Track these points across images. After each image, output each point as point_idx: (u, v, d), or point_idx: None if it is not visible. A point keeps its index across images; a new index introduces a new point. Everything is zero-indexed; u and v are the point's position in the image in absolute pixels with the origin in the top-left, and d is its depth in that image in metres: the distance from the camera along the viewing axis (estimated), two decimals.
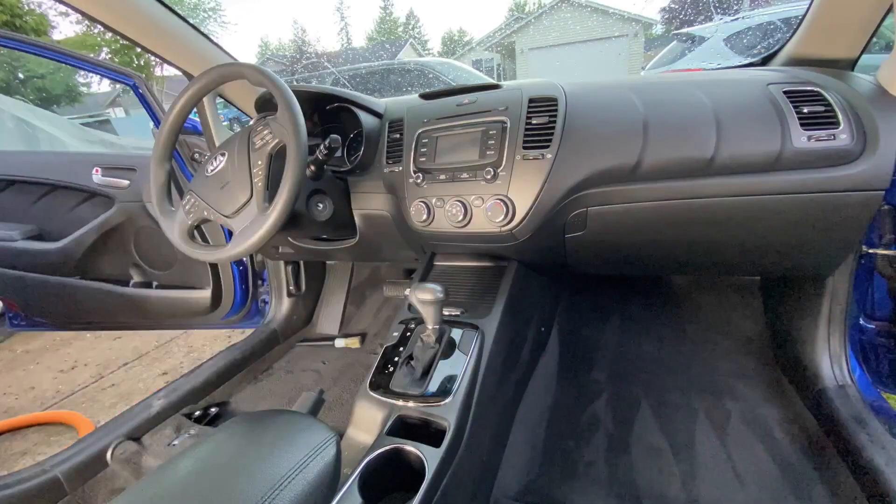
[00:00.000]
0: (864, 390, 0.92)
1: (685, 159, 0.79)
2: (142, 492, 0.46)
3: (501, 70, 9.40)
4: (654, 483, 0.90)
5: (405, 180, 0.95)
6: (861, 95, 0.77)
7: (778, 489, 0.85)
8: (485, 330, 0.86)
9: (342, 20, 20.97)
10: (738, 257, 0.97)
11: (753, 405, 1.04)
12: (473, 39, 18.42)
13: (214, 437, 0.54)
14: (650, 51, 4.51)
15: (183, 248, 0.86)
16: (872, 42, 0.87)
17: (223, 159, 0.86)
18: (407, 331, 0.88)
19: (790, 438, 0.94)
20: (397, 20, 20.19)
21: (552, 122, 0.84)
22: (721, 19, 3.10)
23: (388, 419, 0.72)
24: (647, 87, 0.88)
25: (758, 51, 2.69)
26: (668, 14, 5.00)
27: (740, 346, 1.21)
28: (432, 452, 0.65)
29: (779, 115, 0.75)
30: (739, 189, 0.78)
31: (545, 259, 1.05)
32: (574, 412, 1.10)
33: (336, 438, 0.58)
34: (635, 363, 1.23)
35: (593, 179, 0.83)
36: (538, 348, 1.25)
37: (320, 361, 1.49)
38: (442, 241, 1.01)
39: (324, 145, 0.89)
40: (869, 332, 0.98)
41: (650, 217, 0.86)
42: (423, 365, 0.77)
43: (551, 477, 0.94)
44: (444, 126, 0.93)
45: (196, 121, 1.26)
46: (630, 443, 0.99)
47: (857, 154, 0.74)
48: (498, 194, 0.85)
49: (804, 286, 1.03)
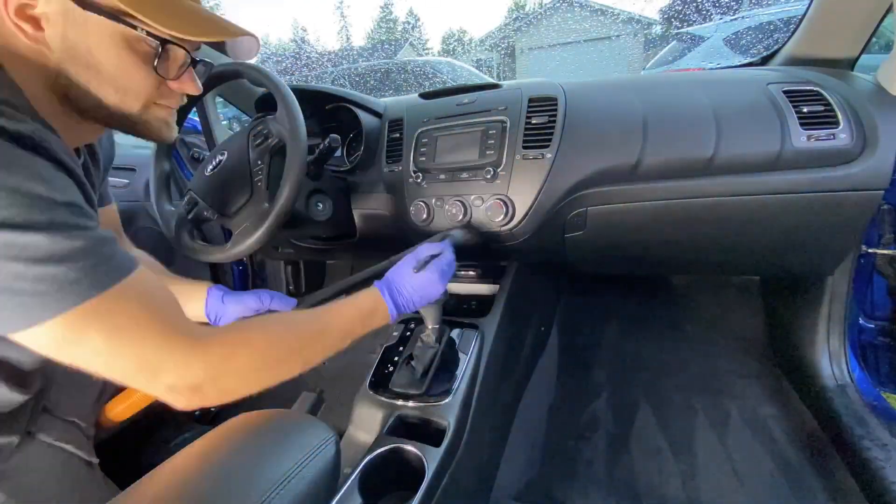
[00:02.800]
0: (863, 390, 0.92)
1: (685, 159, 0.79)
2: (142, 492, 0.46)
3: (501, 70, 9.40)
4: (653, 483, 0.90)
5: (405, 180, 0.95)
6: (861, 95, 0.77)
7: (777, 488, 0.85)
8: (485, 330, 0.86)
9: (342, 20, 20.95)
10: (738, 257, 0.97)
11: (753, 405, 1.04)
12: (473, 39, 18.39)
13: (214, 436, 0.54)
14: (650, 51, 4.50)
15: (182, 248, 0.86)
16: (872, 42, 0.87)
17: (223, 159, 0.86)
18: (407, 330, 0.88)
19: (790, 438, 0.94)
20: (397, 19, 20.18)
21: (552, 121, 0.84)
22: (721, 19, 3.10)
23: (387, 419, 0.72)
24: (646, 87, 0.88)
25: (757, 50, 2.69)
26: (668, 14, 4.98)
27: (740, 345, 1.21)
28: (432, 452, 0.65)
29: (778, 115, 0.75)
30: (739, 189, 0.78)
31: (545, 259, 1.05)
32: (574, 412, 1.10)
33: (336, 438, 0.58)
34: (635, 363, 1.23)
35: (593, 179, 0.83)
36: (538, 348, 1.25)
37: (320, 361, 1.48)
38: None
39: (323, 145, 0.89)
40: (869, 331, 0.98)
41: (650, 217, 0.86)
42: (423, 365, 0.77)
43: (551, 476, 0.94)
44: (443, 126, 0.93)
45: (196, 120, 1.26)
46: (630, 442, 0.99)
47: (857, 154, 0.74)
48: (498, 194, 0.85)
49: (804, 286, 1.03)
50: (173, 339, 0.44)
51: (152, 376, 0.43)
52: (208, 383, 0.46)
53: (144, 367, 0.43)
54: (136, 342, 0.42)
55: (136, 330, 0.42)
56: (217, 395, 0.47)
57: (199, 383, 0.45)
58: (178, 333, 0.44)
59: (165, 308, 0.46)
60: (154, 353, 0.42)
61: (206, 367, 0.45)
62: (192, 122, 1.29)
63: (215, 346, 0.46)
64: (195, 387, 0.45)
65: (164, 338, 0.43)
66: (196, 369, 0.45)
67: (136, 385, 0.44)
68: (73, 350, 0.40)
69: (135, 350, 0.42)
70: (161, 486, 0.46)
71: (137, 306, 0.42)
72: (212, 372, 0.46)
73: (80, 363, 0.41)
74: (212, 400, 0.47)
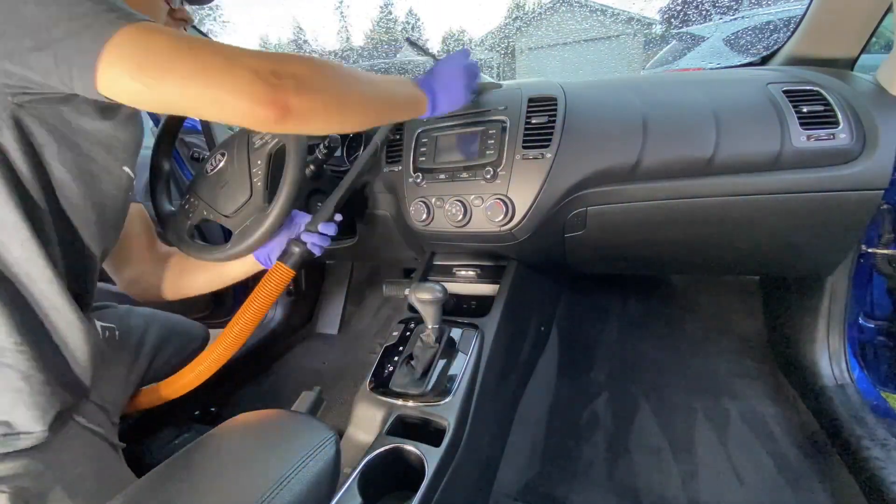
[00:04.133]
0: (863, 389, 0.92)
1: (685, 159, 0.79)
2: (142, 492, 0.46)
3: (501, 69, 9.37)
4: (653, 482, 0.90)
5: (405, 180, 0.95)
6: (860, 95, 0.77)
7: (777, 488, 0.85)
8: (484, 329, 0.86)
9: (342, 20, 20.90)
10: (738, 257, 0.97)
11: (753, 405, 1.04)
12: (473, 39, 18.28)
13: (214, 436, 0.54)
14: (650, 51, 4.49)
15: (182, 248, 0.86)
16: (872, 42, 0.87)
17: (223, 159, 0.86)
18: (407, 330, 0.88)
19: (789, 438, 0.94)
20: (396, 20, 20.09)
21: (552, 121, 0.84)
22: (720, 19, 3.10)
23: (387, 419, 0.72)
24: (646, 87, 0.88)
25: (757, 50, 2.69)
26: (668, 14, 4.97)
27: (740, 345, 1.21)
28: (432, 452, 0.65)
29: (778, 115, 0.75)
30: (739, 188, 0.78)
31: (545, 258, 1.05)
32: (574, 412, 1.10)
33: (336, 438, 0.58)
34: (635, 363, 1.23)
35: (593, 179, 0.83)
36: (538, 348, 1.25)
37: (320, 361, 1.49)
38: (442, 241, 1.01)
39: (323, 145, 0.89)
40: (868, 331, 0.99)
41: (650, 217, 0.86)
42: (423, 364, 0.77)
43: (551, 476, 0.94)
44: (443, 125, 0.93)
45: (196, 120, 1.26)
46: (630, 442, 0.99)
47: (857, 153, 0.74)
48: (497, 194, 0.85)
49: (804, 285, 1.03)
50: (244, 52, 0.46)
51: (231, 68, 0.44)
52: (291, 91, 0.46)
53: (226, 64, 0.44)
54: (206, 46, 0.44)
55: (202, 43, 0.44)
56: (300, 105, 0.47)
57: (286, 84, 0.46)
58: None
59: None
60: (232, 51, 0.45)
61: (294, 67, 0.47)
62: (192, 122, 1.29)
63: (294, 59, 0.49)
64: (280, 85, 0.45)
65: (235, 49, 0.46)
66: (282, 69, 0.46)
67: (220, 89, 0.44)
68: (148, 74, 0.42)
69: (211, 48, 0.44)
70: (161, 486, 0.46)
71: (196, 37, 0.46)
72: (296, 76, 0.47)
73: (156, 88, 0.43)
74: (297, 114, 0.47)
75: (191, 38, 0.45)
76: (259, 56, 0.46)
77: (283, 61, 0.48)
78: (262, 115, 0.46)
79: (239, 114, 0.46)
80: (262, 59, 0.46)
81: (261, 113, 0.45)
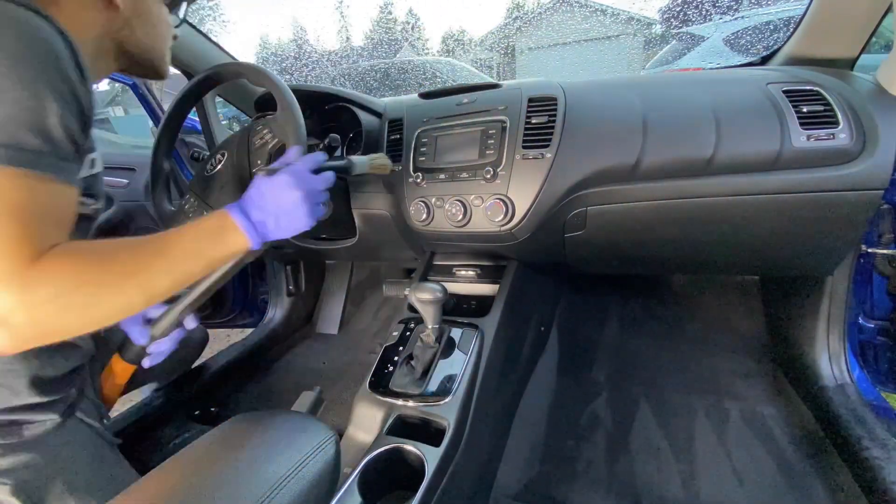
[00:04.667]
0: (863, 389, 0.92)
1: (685, 159, 0.79)
2: (142, 491, 0.46)
3: (501, 69, 9.39)
4: (653, 482, 0.90)
5: (405, 180, 0.95)
6: (860, 95, 0.77)
7: (777, 488, 0.85)
8: (484, 329, 0.86)
9: (342, 20, 20.94)
10: (738, 256, 0.97)
11: (753, 404, 1.04)
12: (473, 39, 18.36)
13: (214, 436, 0.54)
14: (650, 50, 4.49)
15: None
16: (872, 42, 0.87)
17: (223, 159, 0.86)
18: (407, 330, 0.88)
19: (790, 437, 0.94)
20: (396, 19, 20.17)
21: (552, 121, 0.84)
22: (720, 19, 3.10)
23: (387, 419, 0.73)
24: (646, 87, 0.88)
25: (757, 50, 2.69)
26: (668, 14, 4.99)
27: (740, 345, 1.21)
28: (432, 452, 0.65)
29: (778, 115, 0.75)
30: (739, 188, 0.78)
31: (545, 258, 1.05)
32: (574, 412, 1.10)
33: (336, 438, 0.58)
34: (635, 363, 1.23)
35: (593, 179, 0.83)
36: (538, 348, 1.25)
37: (320, 361, 1.49)
38: (441, 241, 1.01)
39: (323, 144, 0.89)
40: (868, 331, 0.99)
41: (649, 217, 0.86)
42: (423, 364, 0.77)
43: (551, 476, 0.94)
44: (443, 125, 0.93)
45: (195, 120, 1.26)
46: (630, 442, 0.99)
47: (857, 153, 0.74)
48: (497, 194, 0.85)
49: (804, 285, 1.03)
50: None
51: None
52: (18, 311, 0.37)
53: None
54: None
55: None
56: (32, 329, 0.39)
57: (7, 311, 0.37)
58: (10, 243, 0.37)
59: (20, 213, 0.38)
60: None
61: (18, 290, 0.37)
62: (192, 122, 1.29)
63: (36, 268, 0.38)
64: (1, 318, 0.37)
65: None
66: (4, 292, 0.37)
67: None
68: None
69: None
70: (161, 486, 0.46)
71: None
72: (25, 297, 0.37)
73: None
74: (26, 337, 0.39)
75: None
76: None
77: (17, 289, 0.37)
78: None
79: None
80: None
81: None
